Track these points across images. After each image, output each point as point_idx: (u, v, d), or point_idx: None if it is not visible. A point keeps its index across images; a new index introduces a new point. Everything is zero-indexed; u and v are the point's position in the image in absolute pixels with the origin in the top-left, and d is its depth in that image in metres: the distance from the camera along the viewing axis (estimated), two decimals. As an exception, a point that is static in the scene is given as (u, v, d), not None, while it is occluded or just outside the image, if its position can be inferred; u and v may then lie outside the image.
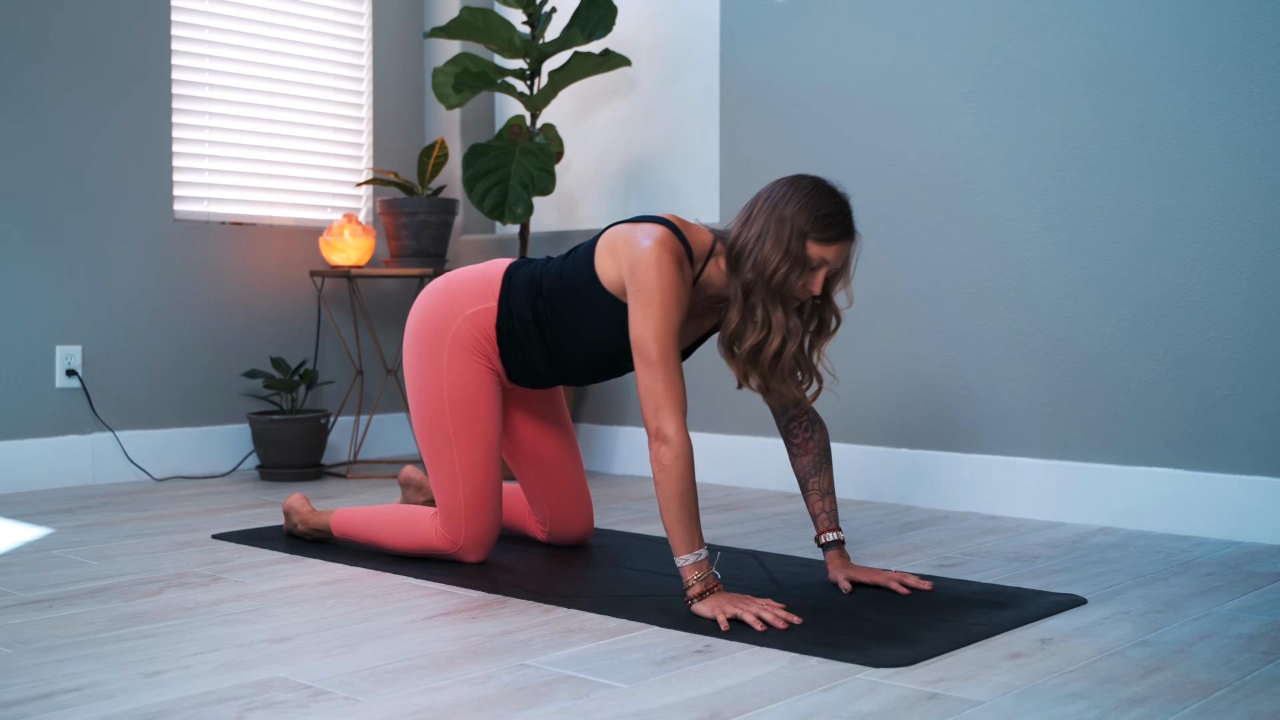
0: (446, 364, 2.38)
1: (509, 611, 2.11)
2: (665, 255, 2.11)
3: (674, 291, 2.10)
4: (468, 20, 3.76)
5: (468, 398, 2.38)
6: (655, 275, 2.09)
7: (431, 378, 2.39)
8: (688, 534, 2.05)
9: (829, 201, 2.12)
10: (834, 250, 2.11)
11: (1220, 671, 1.76)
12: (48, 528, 2.88)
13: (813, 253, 2.10)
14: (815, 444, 2.33)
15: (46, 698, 1.62)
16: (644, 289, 2.10)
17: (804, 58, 3.48)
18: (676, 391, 2.08)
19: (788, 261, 2.09)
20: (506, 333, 2.36)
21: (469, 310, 2.37)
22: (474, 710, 1.58)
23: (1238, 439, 2.79)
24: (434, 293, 2.44)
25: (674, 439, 2.05)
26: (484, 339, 2.38)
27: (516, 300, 2.35)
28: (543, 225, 4.28)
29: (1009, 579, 2.36)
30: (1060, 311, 3.04)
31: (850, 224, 2.14)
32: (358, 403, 4.15)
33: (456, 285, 2.42)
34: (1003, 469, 3.12)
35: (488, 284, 2.39)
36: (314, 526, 2.67)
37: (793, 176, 2.17)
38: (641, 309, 2.10)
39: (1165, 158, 2.89)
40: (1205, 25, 2.83)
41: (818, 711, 1.58)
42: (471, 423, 2.38)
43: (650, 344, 2.09)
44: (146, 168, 3.73)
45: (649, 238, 2.13)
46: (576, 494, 2.65)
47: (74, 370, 3.57)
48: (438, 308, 2.41)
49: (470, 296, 2.39)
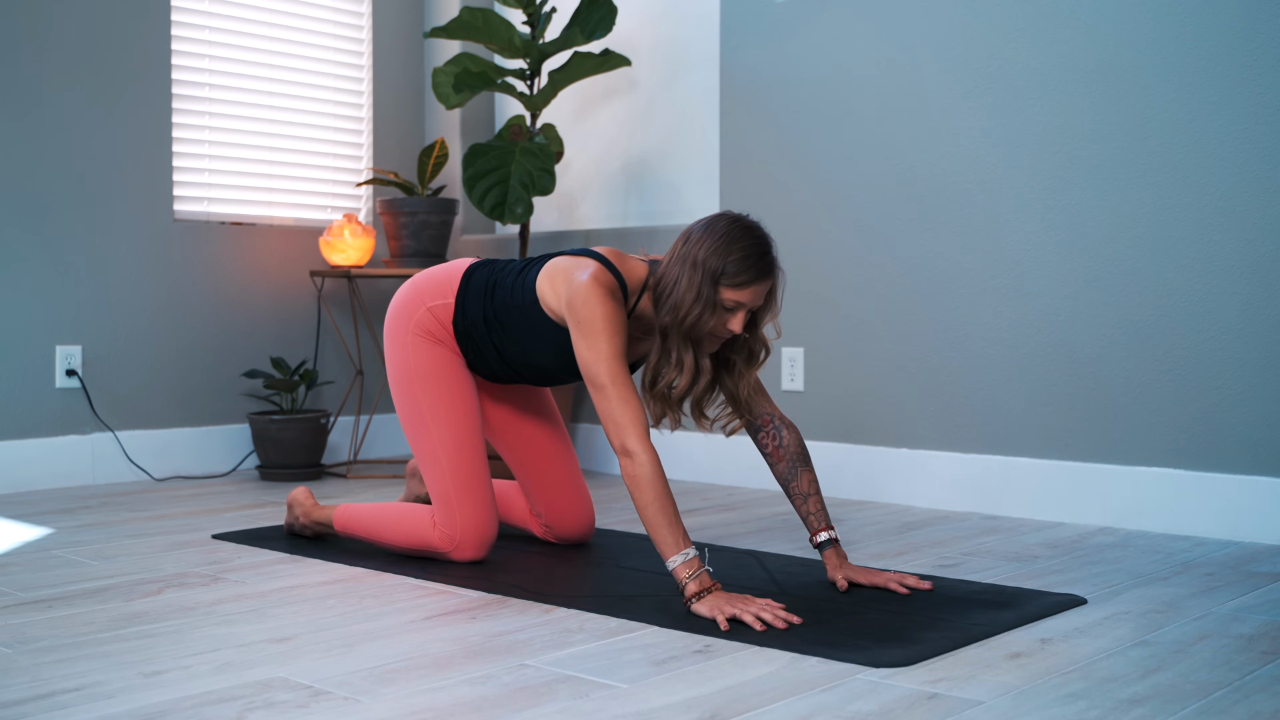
0: (411, 347, 2.48)
1: (509, 611, 2.11)
2: (598, 289, 2.19)
3: (612, 320, 2.19)
4: (468, 20, 3.76)
5: (435, 373, 2.47)
6: (592, 308, 2.18)
7: (400, 360, 2.50)
8: (671, 535, 2.07)
9: (740, 244, 2.15)
10: (748, 293, 2.16)
11: (1220, 671, 1.76)
12: (48, 528, 2.88)
13: (726, 297, 2.15)
14: (786, 450, 2.36)
15: (46, 698, 1.62)
16: (584, 322, 2.19)
17: (804, 57, 3.48)
18: (632, 409, 2.15)
19: (698, 305, 2.15)
20: (462, 329, 2.47)
21: (430, 303, 2.49)
22: (474, 710, 1.58)
23: (1238, 439, 2.79)
24: (403, 288, 2.57)
25: (639, 452, 2.12)
26: (443, 330, 2.48)
27: (471, 302, 2.45)
28: (543, 225, 4.28)
29: (1009, 579, 2.36)
30: (1060, 311, 3.04)
31: (764, 265, 2.17)
32: (358, 403, 4.15)
33: (422, 281, 2.54)
34: (1003, 469, 3.12)
35: (448, 280, 2.49)
36: (316, 520, 2.69)
37: (712, 216, 2.22)
38: (585, 340, 2.19)
39: (1165, 158, 2.89)
40: (1205, 25, 2.83)
41: (818, 711, 1.58)
42: (442, 397, 2.46)
43: (600, 371, 2.17)
44: (146, 168, 3.73)
45: (585, 272, 2.22)
46: (571, 488, 2.68)
47: (74, 370, 3.57)
48: (404, 300, 2.53)
49: (431, 291, 2.50)
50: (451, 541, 2.44)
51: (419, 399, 2.47)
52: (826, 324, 3.45)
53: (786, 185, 3.49)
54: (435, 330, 2.47)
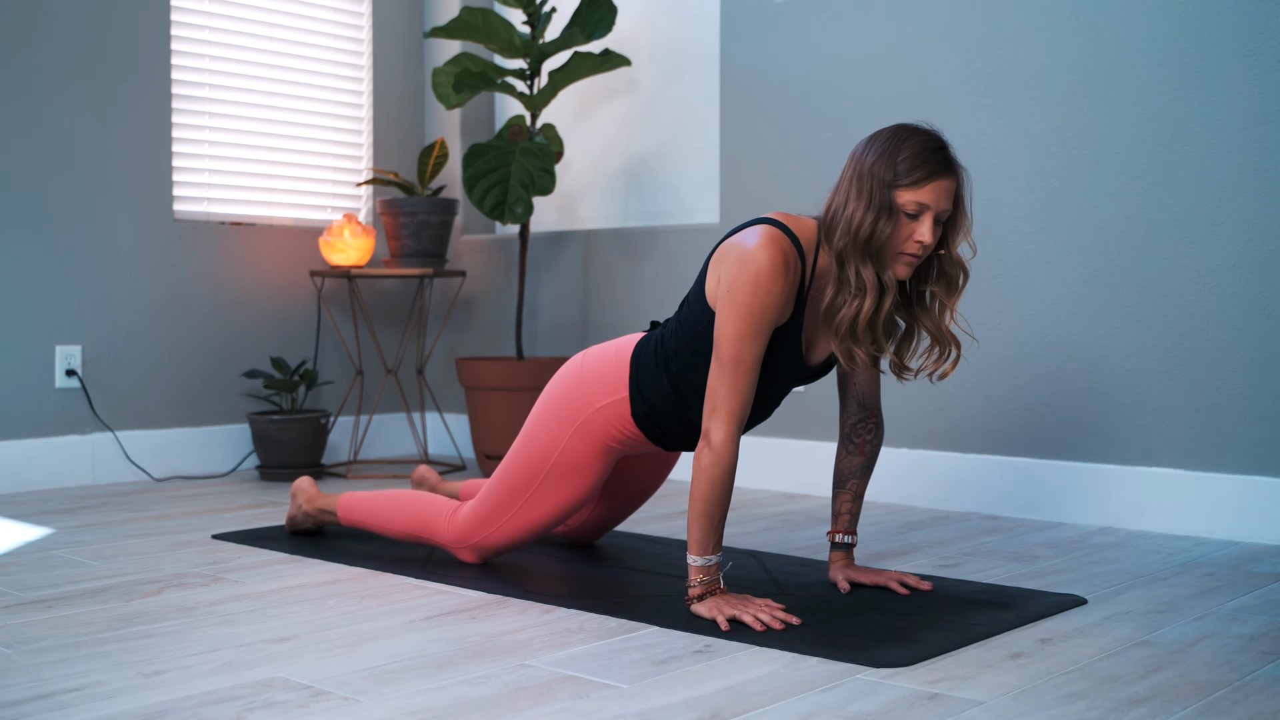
0: (568, 442, 2.29)
1: (509, 611, 2.11)
2: (765, 254, 1.96)
3: (761, 292, 1.96)
4: (468, 20, 3.76)
5: (572, 471, 2.31)
6: (746, 274, 1.96)
7: (548, 442, 2.30)
8: (705, 537, 2.04)
9: (911, 142, 1.96)
10: (928, 191, 1.94)
11: (1220, 671, 1.76)
12: (48, 528, 2.88)
13: (903, 200, 1.94)
14: (871, 448, 2.29)
15: (46, 698, 1.62)
16: (734, 284, 1.97)
17: (804, 57, 3.48)
18: (738, 400, 1.99)
19: (873, 213, 1.94)
20: (645, 419, 2.23)
21: (600, 403, 2.26)
22: (474, 710, 1.58)
23: (1238, 439, 2.79)
24: (569, 373, 2.34)
25: (717, 445, 1.99)
26: (617, 430, 2.27)
27: (647, 380, 2.21)
28: (543, 225, 4.28)
29: (1009, 579, 2.36)
30: (1060, 311, 3.04)
31: (941, 161, 1.96)
32: (358, 403, 4.15)
33: (590, 371, 2.30)
34: (1004, 469, 3.12)
35: (618, 373, 2.25)
36: (320, 508, 2.69)
37: (876, 131, 2.03)
38: (728, 306, 1.98)
39: (1165, 158, 2.89)
40: (1205, 25, 2.83)
41: (818, 711, 1.58)
42: (560, 491, 2.32)
43: (725, 344, 1.99)
44: (146, 168, 3.73)
45: (755, 235, 2.00)
46: (625, 513, 2.64)
47: (74, 370, 3.57)
48: (570, 391, 2.31)
49: (601, 388, 2.27)
50: (462, 542, 2.42)
51: (540, 481, 2.31)
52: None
53: (787, 185, 3.49)
54: (605, 431, 2.26)
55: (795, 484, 3.45)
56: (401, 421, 4.34)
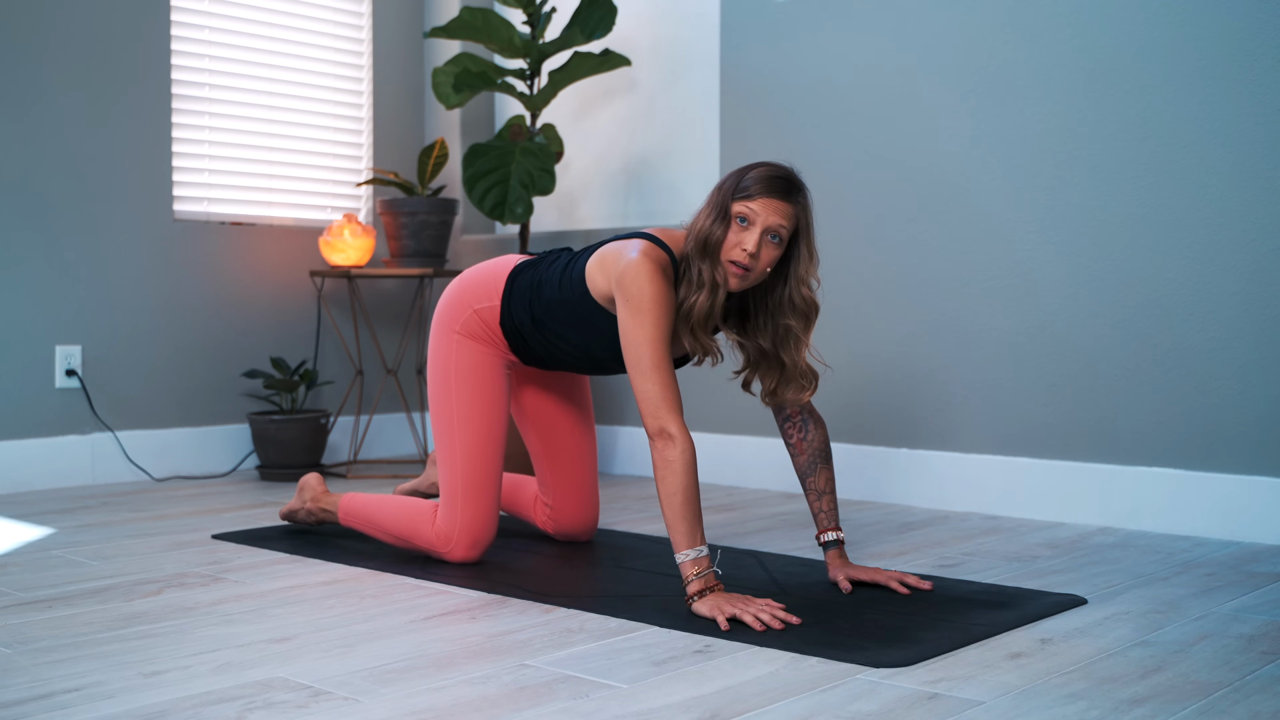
0: (455, 346, 2.49)
1: (509, 611, 2.11)
2: (648, 265, 2.17)
3: (660, 299, 2.16)
4: (468, 20, 3.76)
5: (472, 376, 2.48)
6: (641, 285, 2.16)
7: (441, 358, 2.51)
8: (689, 529, 2.06)
9: (762, 169, 2.18)
10: (759, 204, 2.13)
11: (1220, 671, 1.76)
12: (48, 528, 2.88)
13: (736, 209, 2.15)
14: (809, 444, 2.35)
15: (46, 698, 1.62)
16: (632, 299, 2.17)
17: (804, 58, 3.48)
18: (672, 393, 2.14)
19: (712, 217, 2.16)
20: (510, 329, 2.47)
21: (476, 305, 2.49)
22: (474, 710, 1.58)
23: (1238, 439, 2.79)
24: (450, 289, 2.58)
25: (678, 436, 2.09)
26: (490, 331, 2.49)
27: (517, 304, 2.45)
28: (543, 225, 4.28)
29: (1009, 579, 2.36)
30: (1060, 311, 3.04)
31: (780, 185, 2.15)
32: (358, 403, 4.15)
33: (468, 282, 2.54)
34: (1003, 469, 3.12)
35: (494, 282, 2.49)
36: (322, 507, 2.73)
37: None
38: (632, 318, 2.17)
39: (1165, 158, 2.89)
40: (1205, 25, 2.83)
41: (818, 711, 1.58)
42: (474, 400, 2.47)
43: (643, 351, 2.15)
44: (146, 168, 3.73)
45: (635, 249, 2.21)
46: (586, 485, 2.70)
47: (74, 370, 3.57)
48: (451, 301, 2.54)
49: (478, 293, 2.50)
50: (446, 540, 2.45)
51: (451, 398, 2.48)
52: (825, 324, 3.44)
53: (786, 185, 3.49)
54: (481, 332, 2.49)
55: (795, 484, 3.45)
56: (401, 421, 4.34)
